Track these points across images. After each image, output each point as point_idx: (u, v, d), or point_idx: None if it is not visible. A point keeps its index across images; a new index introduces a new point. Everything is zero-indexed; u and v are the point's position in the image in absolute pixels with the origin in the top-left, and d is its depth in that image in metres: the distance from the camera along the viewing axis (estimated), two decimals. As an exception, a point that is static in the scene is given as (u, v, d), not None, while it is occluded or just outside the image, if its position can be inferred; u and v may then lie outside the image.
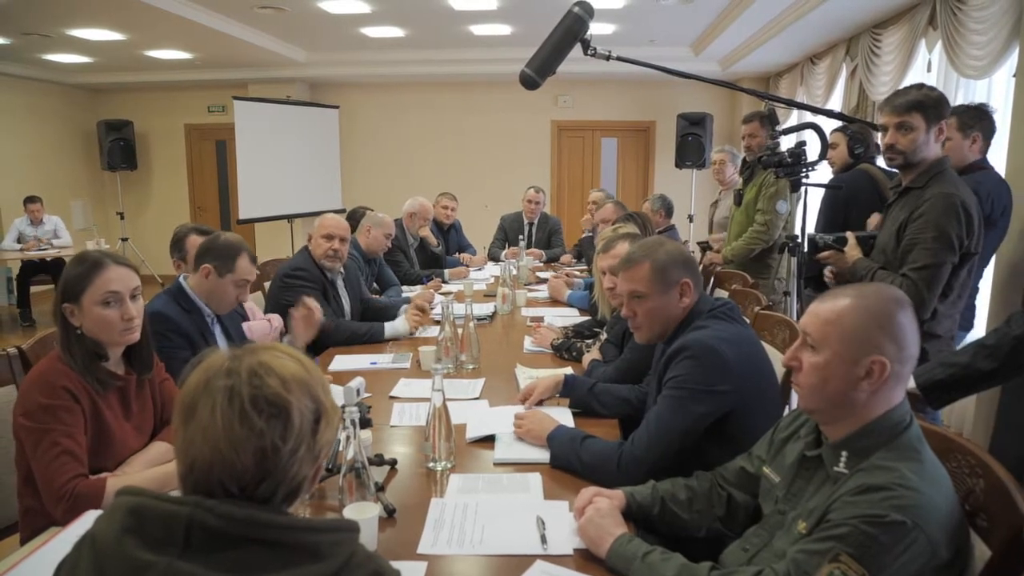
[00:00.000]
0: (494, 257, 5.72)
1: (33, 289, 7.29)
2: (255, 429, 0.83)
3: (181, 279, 2.37)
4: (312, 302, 2.84)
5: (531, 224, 5.93)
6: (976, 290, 2.98)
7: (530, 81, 2.27)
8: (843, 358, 1.20)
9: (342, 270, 3.43)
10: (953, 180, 2.32)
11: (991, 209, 2.72)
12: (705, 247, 4.55)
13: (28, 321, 7.16)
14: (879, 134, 2.43)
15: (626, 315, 1.92)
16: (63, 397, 1.57)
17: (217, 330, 2.42)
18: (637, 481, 1.62)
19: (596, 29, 2.25)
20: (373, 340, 3.15)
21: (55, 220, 7.55)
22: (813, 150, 2.97)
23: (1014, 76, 3.63)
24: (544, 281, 4.67)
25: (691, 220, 7.80)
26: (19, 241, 7.29)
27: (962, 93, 4.31)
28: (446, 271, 5.01)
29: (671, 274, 1.83)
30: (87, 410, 1.61)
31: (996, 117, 2.95)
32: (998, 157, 3.87)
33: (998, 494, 1.15)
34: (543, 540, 1.43)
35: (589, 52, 2.25)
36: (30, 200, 7.32)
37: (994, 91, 4.05)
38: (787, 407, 2.06)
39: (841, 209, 3.36)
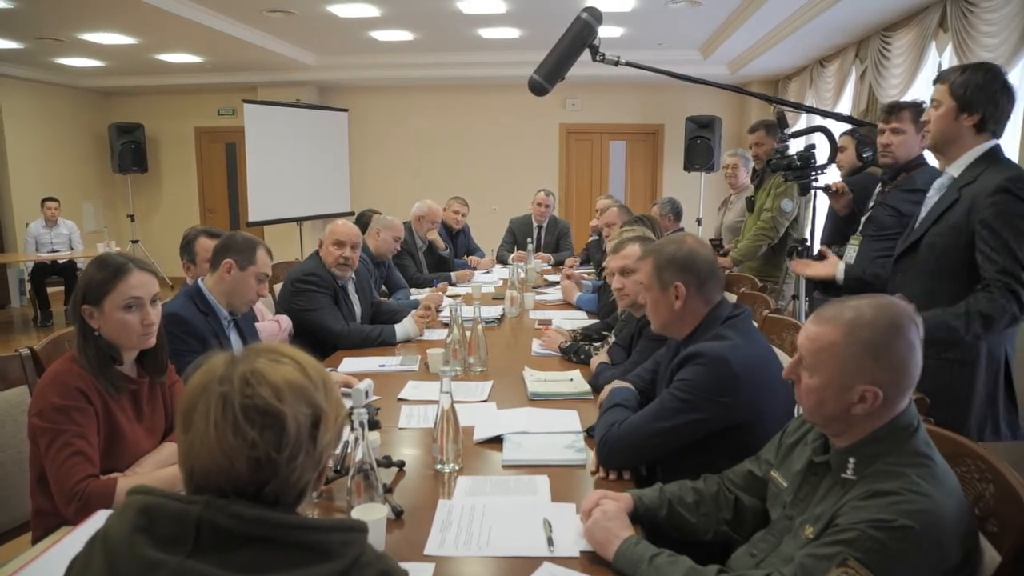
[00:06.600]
0: (502, 260, 5.71)
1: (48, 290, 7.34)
2: (248, 440, 0.82)
3: (199, 281, 2.39)
4: None
5: (540, 227, 5.92)
6: None
7: (539, 87, 2.27)
8: (836, 385, 1.20)
9: (353, 275, 3.44)
10: None
11: None
12: (716, 245, 4.52)
13: (48, 322, 7.18)
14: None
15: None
16: (76, 398, 1.58)
17: (233, 333, 2.43)
18: (610, 458, 1.66)
19: (605, 32, 2.27)
20: (385, 343, 3.16)
21: (70, 225, 7.61)
22: (822, 153, 2.96)
23: (1025, 79, 3.61)
24: (552, 284, 4.67)
25: (700, 223, 7.78)
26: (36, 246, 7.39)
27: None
28: (453, 274, 5.02)
29: (664, 275, 1.85)
30: (100, 412, 1.62)
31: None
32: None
33: (1008, 499, 1.14)
34: (550, 542, 1.43)
35: (597, 58, 2.24)
36: (48, 199, 7.41)
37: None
38: (796, 409, 2.05)
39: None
